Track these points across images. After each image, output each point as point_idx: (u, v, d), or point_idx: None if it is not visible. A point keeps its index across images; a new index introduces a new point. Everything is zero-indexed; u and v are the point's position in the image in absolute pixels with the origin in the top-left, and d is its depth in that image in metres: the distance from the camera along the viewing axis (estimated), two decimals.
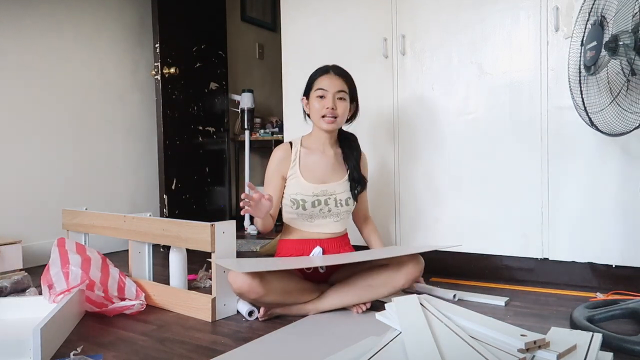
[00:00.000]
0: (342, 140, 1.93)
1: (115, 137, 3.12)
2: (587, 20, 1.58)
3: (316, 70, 1.88)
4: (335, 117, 1.81)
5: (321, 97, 1.81)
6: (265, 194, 1.60)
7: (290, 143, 1.90)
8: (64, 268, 1.78)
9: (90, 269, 1.81)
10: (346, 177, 1.87)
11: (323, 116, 1.81)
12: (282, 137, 3.36)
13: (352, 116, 1.93)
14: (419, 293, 1.75)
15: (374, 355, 1.19)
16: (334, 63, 1.91)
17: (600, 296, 1.86)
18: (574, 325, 1.49)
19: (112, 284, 1.83)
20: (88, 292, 1.74)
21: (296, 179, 1.83)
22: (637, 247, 1.88)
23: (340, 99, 1.82)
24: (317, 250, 1.81)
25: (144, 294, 1.87)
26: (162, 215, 3.10)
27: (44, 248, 2.64)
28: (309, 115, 1.89)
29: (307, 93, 1.88)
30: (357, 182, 1.87)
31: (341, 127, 1.92)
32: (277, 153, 1.87)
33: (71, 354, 1.37)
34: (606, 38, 1.46)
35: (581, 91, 1.59)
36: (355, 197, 1.88)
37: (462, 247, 2.20)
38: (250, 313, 1.71)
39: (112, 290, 1.81)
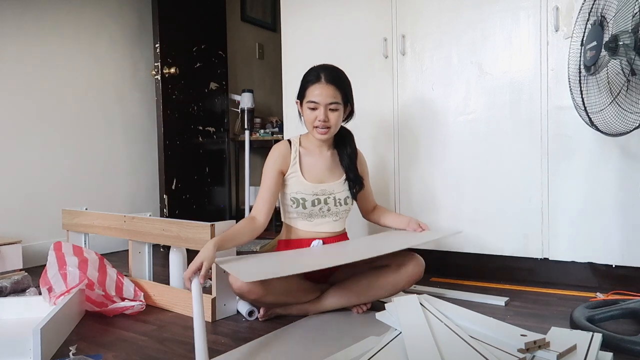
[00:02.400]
0: (337, 140, 1.90)
1: (115, 137, 3.12)
2: (587, 20, 1.58)
3: (309, 74, 1.81)
4: (328, 128, 1.79)
5: (313, 108, 1.78)
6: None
7: (289, 141, 1.89)
8: (61, 270, 1.79)
9: (88, 269, 1.81)
10: (343, 177, 1.87)
11: (315, 127, 1.79)
12: (282, 137, 3.36)
13: (348, 117, 1.89)
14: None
15: (374, 355, 1.19)
16: (334, 63, 1.89)
17: (600, 296, 1.87)
18: (574, 325, 1.49)
19: (109, 284, 1.83)
20: (88, 292, 1.74)
21: (296, 178, 1.82)
22: (637, 247, 1.88)
23: (333, 110, 1.77)
24: (317, 242, 1.81)
25: (142, 294, 1.87)
26: (162, 215, 3.10)
27: (44, 248, 2.64)
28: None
29: (300, 96, 1.83)
30: (354, 182, 1.85)
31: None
32: (277, 150, 1.85)
33: (70, 353, 1.37)
34: (606, 38, 1.46)
35: (581, 91, 1.59)
36: (354, 196, 1.87)
37: (462, 247, 2.20)
38: (250, 313, 1.72)
39: (110, 290, 1.82)
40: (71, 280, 1.75)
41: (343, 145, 1.89)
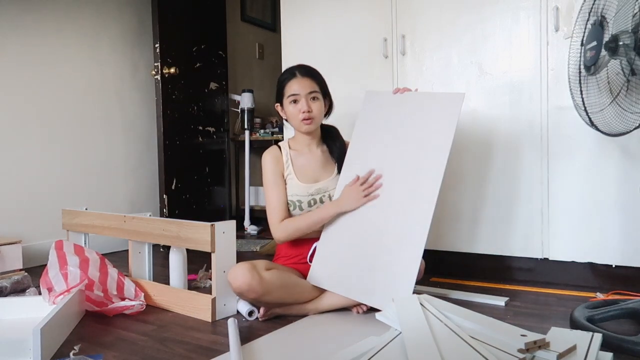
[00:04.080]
0: (324, 136, 1.93)
1: (115, 137, 3.12)
2: (587, 20, 1.58)
3: (283, 75, 1.87)
4: (312, 118, 1.82)
5: (294, 101, 1.81)
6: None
7: (279, 147, 1.91)
8: (62, 269, 1.79)
9: (89, 269, 1.81)
10: (336, 171, 1.89)
11: (301, 120, 1.81)
12: (282, 137, 3.36)
13: (328, 111, 1.93)
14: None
15: (374, 355, 1.19)
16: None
17: (600, 296, 1.87)
18: (574, 325, 1.49)
19: (111, 284, 1.83)
20: (87, 292, 1.74)
21: (291, 181, 1.84)
22: (637, 247, 1.88)
23: (313, 98, 1.82)
24: (316, 244, 1.81)
25: (143, 294, 1.87)
26: (162, 215, 3.09)
27: (44, 248, 2.64)
28: (286, 120, 1.90)
29: (279, 99, 1.88)
30: None
31: (321, 123, 1.92)
32: (269, 156, 1.87)
33: (70, 353, 1.37)
34: (606, 38, 1.46)
35: (581, 91, 1.59)
36: None
37: (462, 247, 2.20)
38: (250, 313, 1.72)
39: (111, 290, 1.82)
40: (72, 279, 1.75)
41: (331, 140, 1.93)
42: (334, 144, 1.92)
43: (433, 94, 1.88)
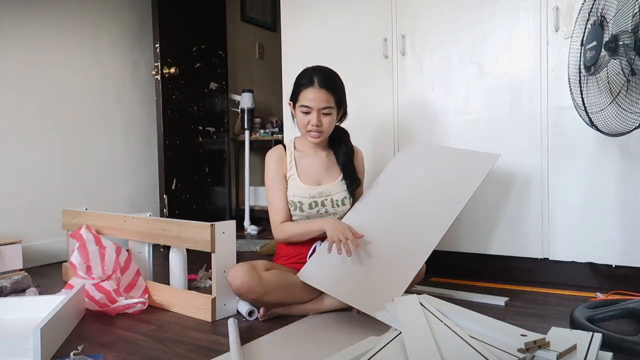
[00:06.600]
0: (333, 140, 1.91)
1: (115, 137, 3.12)
2: (587, 20, 1.58)
3: (302, 77, 1.81)
4: (320, 132, 1.80)
5: (306, 112, 1.79)
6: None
7: (284, 145, 1.90)
8: (101, 248, 1.85)
9: (120, 255, 1.88)
10: (341, 177, 1.88)
11: (308, 131, 1.80)
12: (282, 137, 3.36)
13: (340, 119, 1.90)
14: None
15: (374, 355, 1.19)
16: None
17: (600, 296, 1.87)
18: (574, 325, 1.49)
19: (128, 275, 1.88)
20: (102, 283, 1.78)
21: (294, 181, 1.83)
22: (637, 247, 1.88)
23: (325, 114, 1.78)
24: (317, 243, 1.81)
25: (147, 295, 1.87)
26: (162, 215, 3.09)
27: (44, 248, 2.64)
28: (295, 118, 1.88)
29: (293, 99, 1.85)
30: (351, 180, 1.87)
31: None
32: (273, 156, 1.86)
33: (71, 353, 1.37)
34: (606, 38, 1.46)
35: (581, 91, 1.59)
36: (352, 194, 1.88)
37: (462, 247, 2.20)
38: (250, 313, 1.72)
39: (122, 284, 1.87)
40: (107, 264, 1.82)
41: (339, 144, 1.91)
42: (340, 149, 1.89)
43: (470, 151, 1.94)
